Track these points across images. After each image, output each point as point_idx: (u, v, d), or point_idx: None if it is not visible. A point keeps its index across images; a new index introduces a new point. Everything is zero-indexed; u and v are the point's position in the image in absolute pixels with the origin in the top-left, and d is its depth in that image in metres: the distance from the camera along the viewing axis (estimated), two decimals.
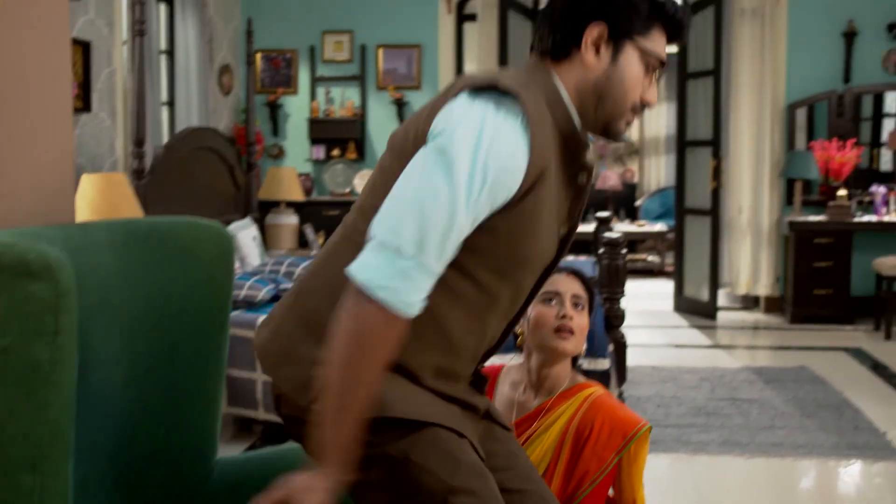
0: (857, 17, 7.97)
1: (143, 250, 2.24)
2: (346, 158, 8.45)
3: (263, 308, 4.93)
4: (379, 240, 1.61)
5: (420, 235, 1.59)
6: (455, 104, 1.68)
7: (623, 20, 1.76)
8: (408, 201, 1.61)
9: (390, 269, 1.59)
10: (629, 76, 1.78)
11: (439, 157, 1.62)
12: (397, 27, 8.44)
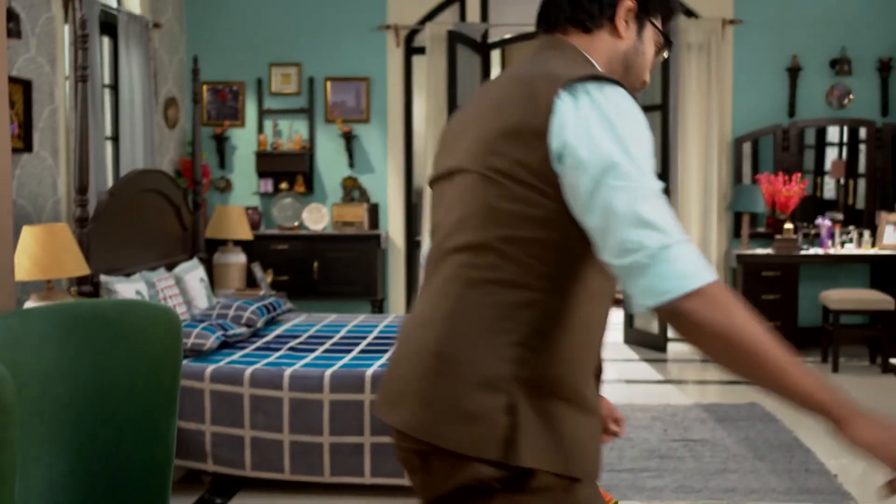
0: (801, 53, 8.08)
1: (88, 336, 2.17)
2: (295, 192, 8.37)
3: (212, 357, 4.83)
4: (650, 253, 1.52)
5: (667, 220, 1.55)
6: (570, 113, 1.62)
7: (652, 4, 1.85)
8: (627, 213, 1.54)
9: (686, 258, 1.53)
10: (649, 51, 1.87)
11: (616, 167, 1.56)
12: (346, 60, 8.39)
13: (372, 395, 4.44)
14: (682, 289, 1.51)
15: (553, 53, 1.80)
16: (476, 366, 1.66)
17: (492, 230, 1.68)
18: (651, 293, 1.53)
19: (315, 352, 5.03)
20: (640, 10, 1.84)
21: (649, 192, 1.55)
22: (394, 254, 8.50)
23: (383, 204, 8.46)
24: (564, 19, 1.83)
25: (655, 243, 1.52)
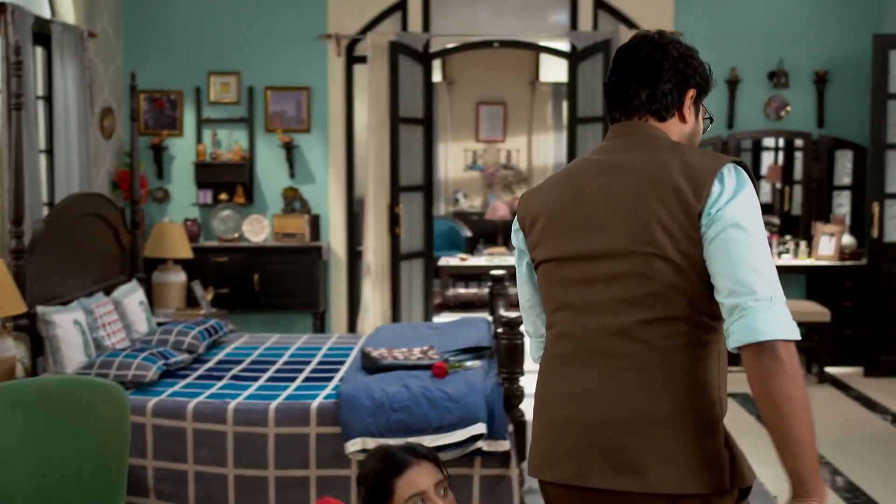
0: (740, 65, 8.17)
1: (30, 418, 2.11)
2: (235, 203, 8.26)
3: (153, 389, 4.74)
4: (763, 299, 1.90)
5: (774, 280, 1.94)
6: (716, 190, 2.02)
7: (704, 86, 2.27)
8: (754, 267, 1.93)
9: (782, 313, 1.91)
10: (701, 127, 2.29)
11: (752, 229, 1.97)
12: (286, 69, 8.30)
13: (318, 428, 4.41)
14: (781, 335, 1.89)
15: (652, 139, 2.16)
16: (700, 417, 2.02)
17: (679, 303, 2.02)
18: (750, 332, 1.90)
19: (258, 380, 4.97)
20: (698, 97, 2.26)
21: (764, 250, 1.97)
22: (335, 265, 8.44)
23: (325, 215, 8.39)
24: (644, 110, 2.20)
25: (764, 291, 1.92)
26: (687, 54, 2.25)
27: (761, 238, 1.98)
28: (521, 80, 13.70)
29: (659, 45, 2.22)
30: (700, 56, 2.30)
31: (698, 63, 2.28)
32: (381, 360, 4.86)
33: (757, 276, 1.92)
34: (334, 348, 5.79)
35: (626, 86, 2.21)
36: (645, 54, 2.21)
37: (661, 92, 2.19)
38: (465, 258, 11.17)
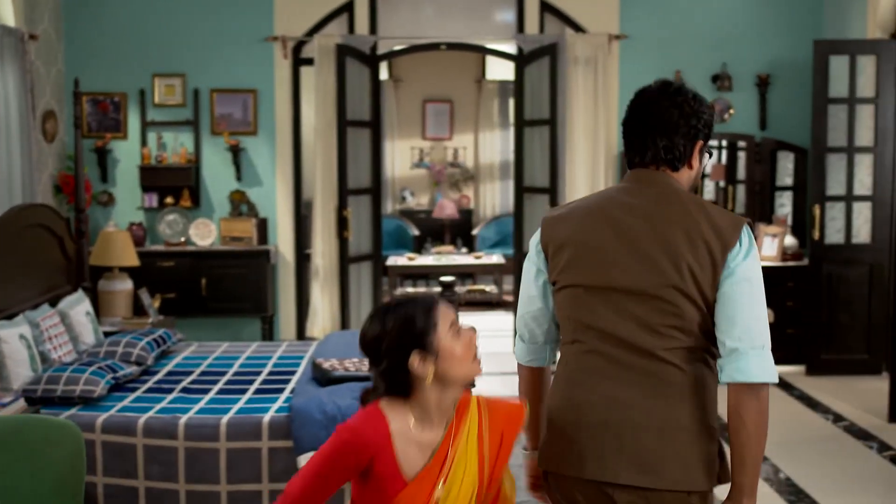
0: (684, 68, 8.27)
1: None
2: (181, 206, 8.18)
3: (102, 405, 4.69)
4: (757, 347, 2.33)
5: (766, 330, 2.37)
6: (736, 247, 2.38)
7: (709, 134, 2.55)
8: (756, 316, 2.35)
9: (768, 360, 2.35)
10: (699, 173, 2.58)
11: (757, 283, 2.37)
12: (232, 71, 8.23)
13: (270, 443, 4.40)
14: (767, 379, 2.34)
15: (673, 192, 2.46)
16: (710, 426, 2.43)
17: (698, 335, 2.41)
18: (743, 374, 2.33)
19: (209, 393, 4.95)
20: (704, 147, 2.54)
21: (763, 304, 2.38)
22: (283, 269, 8.40)
23: (272, 218, 8.35)
24: (661, 161, 2.50)
25: (760, 340, 2.34)
26: (699, 110, 2.50)
27: (762, 293, 2.38)
28: (468, 78, 13.72)
29: (675, 102, 2.48)
30: (707, 105, 2.55)
31: (707, 115, 2.52)
32: (332, 371, 4.86)
33: (757, 325, 2.34)
34: (284, 357, 5.78)
35: (645, 136, 2.50)
36: (662, 110, 2.48)
37: (676, 147, 2.49)
38: (412, 257, 11.19)
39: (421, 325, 2.32)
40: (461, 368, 2.35)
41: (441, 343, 2.32)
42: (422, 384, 2.33)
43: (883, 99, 7.47)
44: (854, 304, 7.63)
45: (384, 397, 2.36)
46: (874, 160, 7.56)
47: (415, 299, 2.39)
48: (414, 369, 2.31)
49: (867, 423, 6.39)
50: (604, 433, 2.40)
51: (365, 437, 2.29)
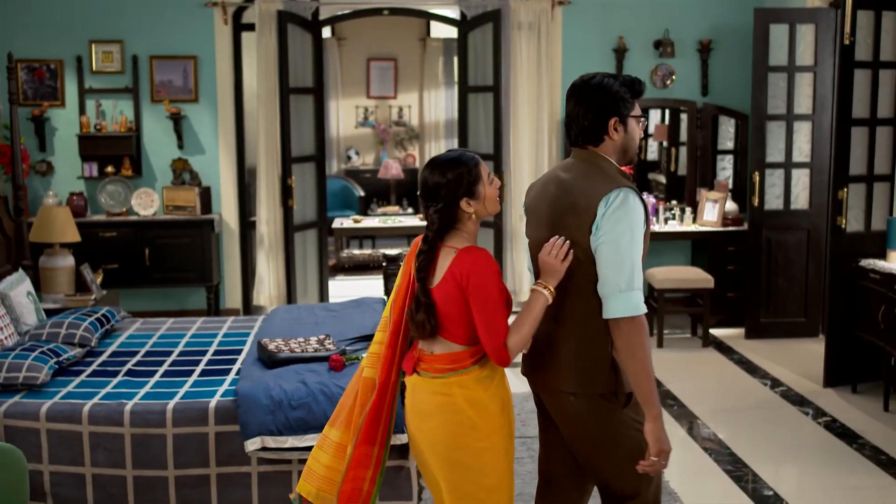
0: (626, 34, 8.30)
1: None
2: (122, 176, 8.08)
3: (45, 391, 4.66)
4: (624, 288, 2.93)
5: (637, 276, 2.95)
6: (604, 213, 2.97)
7: (624, 110, 3.08)
8: (626, 261, 2.94)
9: (638, 299, 2.94)
10: (633, 137, 3.13)
11: (622, 241, 2.94)
12: (171, 37, 8.10)
13: (217, 427, 4.41)
14: (638, 311, 2.94)
15: (588, 163, 3.08)
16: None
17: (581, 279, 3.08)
18: (608, 311, 2.95)
19: (154, 376, 4.93)
20: (621, 119, 3.07)
21: (628, 254, 2.94)
22: (228, 237, 8.36)
23: (216, 186, 8.28)
24: (581, 141, 3.12)
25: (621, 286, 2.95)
26: (603, 94, 3.06)
27: (628, 248, 2.93)
28: (412, 37, 13.63)
29: (580, 96, 3.09)
30: (618, 84, 3.06)
31: (613, 95, 3.06)
32: (277, 353, 4.87)
33: (619, 273, 2.93)
34: (229, 334, 5.77)
35: (568, 123, 3.15)
36: (573, 104, 3.11)
37: (585, 128, 3.08)
38: (358, 220, 11.11)
39: (471, 178, 3.06)
40: (493, 207, 3.14)
41: (483, 191, 3.08)
42: (466, 218, 3.11)
43: (821, 67, 7.57)
44: (792, 269, 7.79)
45: (444, 239, 3.11)
46: (812, 128, 7.68)
47: (464, 157, 3.09)
48: (463, 209, 3.07)
49: (804, 388, 6.56)
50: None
51: (487, 255, 3.07)
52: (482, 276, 3.00)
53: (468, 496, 3.11)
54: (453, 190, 3.05)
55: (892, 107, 6.52)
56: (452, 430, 3.08)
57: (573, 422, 3.14)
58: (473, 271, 3.01)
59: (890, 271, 5.96)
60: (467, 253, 3.06)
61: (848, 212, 6.42)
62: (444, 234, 3.12)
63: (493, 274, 3.02)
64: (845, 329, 6.46)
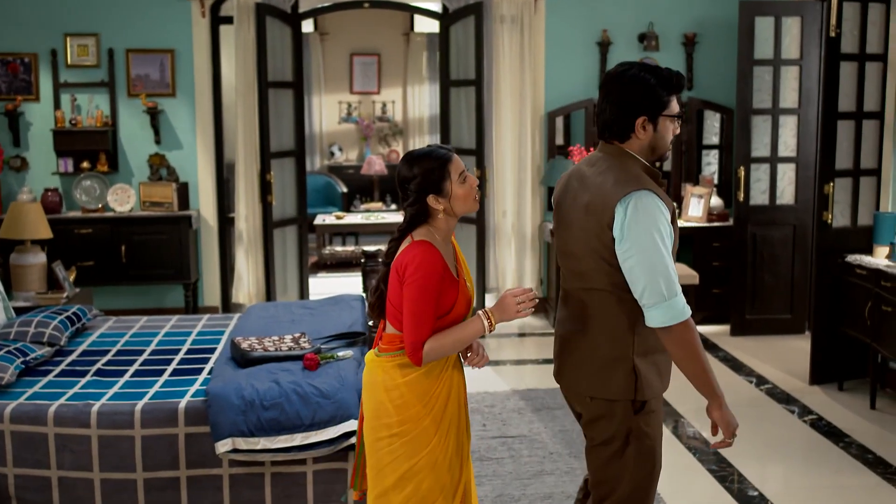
0: (611, 27, 8.19)
1: None
2: (98, 171, 7.93)
3: (11, 391, 4.53)
4: (667, 296, 2.83)
5: (674, 280, 2.86)
6: (623, 219, 2.88)
7: (655, 109, 2.92)
8: (651, 276, 2.84)
9: (682, 303, 2.86)
10: (664, 136, 2.97)
11: (648, 246, 2.84)
12: (148, 30, 7.96)
13: (187, 429, 4.29)
14: (685, 315, 2.86)
15: (612, 159, 2.98)
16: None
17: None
18: (670, 317, 2.84)
19: (124, 375, 4.80)
20: (652, 118, 2.92)
21: (658, 260, 2.83)
22: (206, 234, 8.22)
23: (193, 182, 8.15)
24: (606, 134, 3.01)
25: (655, 298, 2.84)
26: (634, 90, 2.92)
27: (656, 252, 2.82)
28: (396, 31, 13.52)
29: (609, 89, 2.99)
30: (655, 79, 2.90)
31: (645, 92, 2.91)
32: (250, 352, 4.74)
33: (652, 283, 2.82)
34: (204, 332, 5.64)
35: (598, 114, 3.04)
36: (602, 94, 3.01)
37: (611, 124, 2.98)
38: (341, 216, 11.04)
39: (437, 175, 3.07)
40: (463, 205, 3.13)
41: (451, 188, 3.08)
42: (436, 214, 3.11)
43: (807, 60, 7.48)
44: (778, 265, 7.70)
45: (411, 232, 3.11)
46: (798, 122, 7.59)
47: (434, 153, 3.11)
48: (431, 206, 3.09)
49: (789, 385, 6.47)
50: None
51: (435, 255, 3.03)
52: (418, 270, 2.99)
53: (376, 480, 3.20)
54: (420, 185, 3.08)
55: (878, 100, 6.43)
56: (373, 409, 3.18)
57: (587, 424, 3.12)
58: (411, 263, 3.02)
59: (876, 267, 5.87)
60: (413, 246, 3.08)
61: (834, 206, 6.33)
62: (413, 228, 3.14)
63: (430, 270, 3.00)
64: (831, 326, 6.37)
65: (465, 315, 3.17)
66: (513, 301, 3.07)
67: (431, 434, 3.13)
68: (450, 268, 3.11)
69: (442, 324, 3.08)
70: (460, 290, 3.14)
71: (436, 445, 3.14)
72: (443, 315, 3.08)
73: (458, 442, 3.22)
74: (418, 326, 3.02)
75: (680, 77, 2.96)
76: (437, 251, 3.07)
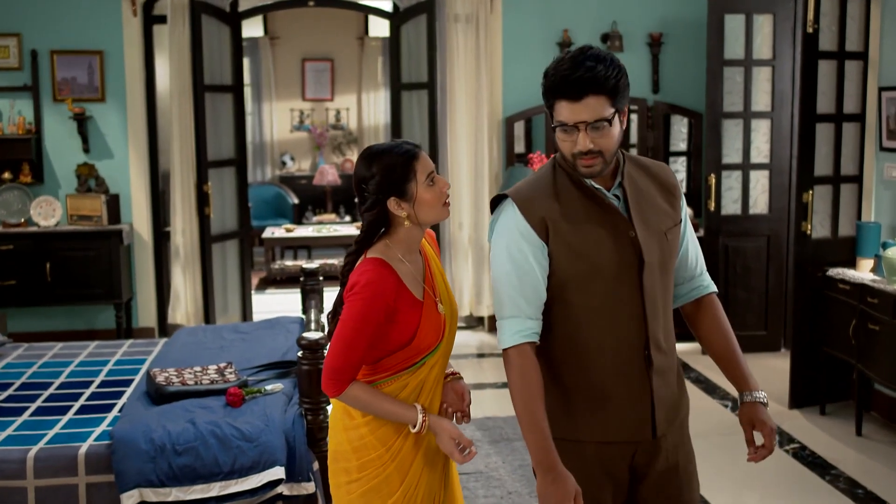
0: (572, 27, 7.70)
1: None
2: (20, 182, 7.32)
3: None
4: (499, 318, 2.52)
5: (500, 303, 2.52)
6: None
7: (547, 109, 2.44)
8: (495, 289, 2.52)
9: (500, 331, 2.51)
10: (557, 139, 2.44)
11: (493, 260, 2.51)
12: (74, 30, 7.37)
13: (88, 478, 3.72)
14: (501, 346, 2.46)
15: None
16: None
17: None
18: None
19: (23, 414, 4.21)
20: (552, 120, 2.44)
21: (497, 275, 2.50)
22: (140, 249, 7.63)
23: (126, 193, 7.55)
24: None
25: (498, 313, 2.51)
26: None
27: (497, 268, 2.48)
28: (349, 36, 13.00)
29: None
30: (544, 82, 2.42)
31: (542, 92, 2.48)
32: (166, 386, 4.18)
33: (496, 297, 2.53)
34: (123, 361, 5.06)
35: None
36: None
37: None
38: (291, 229, 10.48)
39: (400, 174, 2.59)
40: (431, 213, 2.64)
41: (416, 191, 2.60)
42: (398, 222, 2.64)
43: (780, 61, 7.03)
44: (751, 278, 7.24)
45: (368, 248, 2.65)
46: (771, 126, 7.13)
47: (397, 149, 2.62)
48: (392, 211, 2.61)
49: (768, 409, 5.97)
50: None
51: (384, 278, 2.56)
52: (361, 291, 2.54)
53: None
54: (379, 186, 2.61)
55: (858, 101, 5.98)
56: (332, 451, 2.76)
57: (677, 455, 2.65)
58: (357, 283, 2.58)
59: (861, 281, 5.40)
60: (363, 263, 2.64)
61: (813, 216, 5.87)
62: (371, 239, 2.67)
63: (374, 293, 2.54)
64: (812, 345, 5.90)
65: (435, 345, 2.67)
66: (451, 442, 2.60)
67: (395, 485, 2.64)
68: (410, 288, 2.63)
69: (404, 355, 2.62)
70: (425, 315, 2.65)
71: (400, 499, 2.63)
72: (404, 345, 2.62)
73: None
74: (345, 354, 2.53)
75: (551, 72, 2.38)
76: (391, 270, 2.59)
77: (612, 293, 2.46)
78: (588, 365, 2.48)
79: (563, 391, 2.51)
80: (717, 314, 2.73)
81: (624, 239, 2.45)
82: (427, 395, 2.69)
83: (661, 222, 2.53)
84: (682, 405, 2.67)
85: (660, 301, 2.52)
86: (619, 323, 2.46)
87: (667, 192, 2.60)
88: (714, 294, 2.78)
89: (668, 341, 2.56)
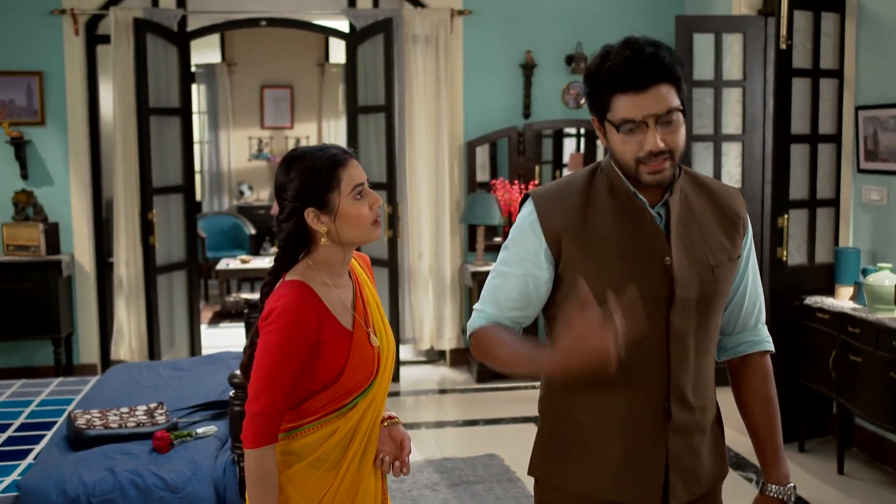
0: (535, 48, 7.42)
1: None
2: None
3: None
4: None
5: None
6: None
7: (596, 110, 2.10)
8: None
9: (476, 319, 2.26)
10: (613, 143, 2.07)
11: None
12: (12, 49, 6.99)
13: None
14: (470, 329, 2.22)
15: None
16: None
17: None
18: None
19: None
20: (600, 121, 2.10)
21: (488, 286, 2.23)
22: (82, 281, 7.21)
23: (66, 222, 7.14)
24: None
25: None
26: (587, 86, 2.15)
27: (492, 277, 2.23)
28: (309, 62, 12.68)
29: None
30: (593, 78, 2.11)
31: (588, 91, 2.13)
32: (86, 429, 3.78)
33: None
34: (47, 402, 4.65)
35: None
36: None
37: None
38: (246, 260, 10.09)
39: (321, 181, 2.22)
40: (355, 231, 2.26)
41: (340, 204, 2.23)
42: (317, 239, 2.26)
43: (751, 81, 6.76)
44: None
45: (288, 270, 2.28)
46: (743, 149, 6.85)
47: (321, 152, 2.26)
48: (310, 225, 2.24)
49: (744, 447, 5.59)
50: None
51: (304, 303, 2.20)
52: (278, 318, 2.16)
53: None
54: (298, 193, 2.23)
55: (834, 121, 5.71)
56: None
57: None
58: (271, 311, 2.20)
59: (841, 310, 5.10)
60: (281, 287, 2.26)
61: (789, 242, 5.57)
62: (291, 259, 2.29)
63: (294, 319, 2.16)
64: (790, 377, 5.57)
65: (367, 383, 2.30)
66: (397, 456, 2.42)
67: None
68: (337, 316, 2.25)
69: (331, 396, 2.25)
70: (355, 348, 2.27)
71: None
72: (331, 382, 2.24)
73: None
74: (266, 393, 2.15)
75: (618, 68, 2.02)
76: (313, 295, 2.22)
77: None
78: (593, 403, 2.13)
79: (557, 426, 2.21)
80: (763, 379, 2.32)
81: (657, 265, 2.08)
82: (360, 442, 2.31)
83: (710, 254, 2.14)
84: (713, 477, 2.24)
85: (692, 346, 2.11)
86: (635, 362, 2.03)
87: (728, 221, 2.20)
88: (767, 354, 2.34)
89: (698, 397, 2.16)
